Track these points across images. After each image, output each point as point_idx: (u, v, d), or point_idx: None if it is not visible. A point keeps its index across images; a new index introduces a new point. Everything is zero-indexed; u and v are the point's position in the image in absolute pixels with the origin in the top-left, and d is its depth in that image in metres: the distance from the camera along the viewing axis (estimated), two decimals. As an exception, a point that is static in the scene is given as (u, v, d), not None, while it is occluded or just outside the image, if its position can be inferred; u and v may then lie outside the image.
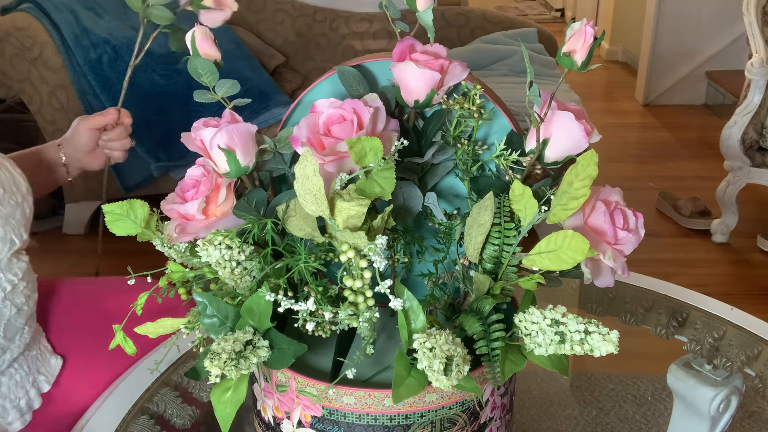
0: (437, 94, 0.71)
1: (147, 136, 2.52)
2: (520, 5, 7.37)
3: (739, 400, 0.88)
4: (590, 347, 0.61)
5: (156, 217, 0.75)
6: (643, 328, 1.15)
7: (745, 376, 1.02)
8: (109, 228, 0.74)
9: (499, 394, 0.73)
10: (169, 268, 0.75)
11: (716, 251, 2.69)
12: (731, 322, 1.10)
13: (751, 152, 2.60)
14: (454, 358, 0.60)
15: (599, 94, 4.60)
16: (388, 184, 0.66)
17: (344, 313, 0.65)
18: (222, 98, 0.74)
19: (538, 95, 0.66)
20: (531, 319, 0.64)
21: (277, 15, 3.11)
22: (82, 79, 2.48)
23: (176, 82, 2.56)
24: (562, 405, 1.07)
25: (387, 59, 0.74)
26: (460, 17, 3.12)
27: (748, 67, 2.50)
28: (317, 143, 0.68)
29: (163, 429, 0.91)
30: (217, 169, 0.72)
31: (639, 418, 1.02)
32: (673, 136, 3.83)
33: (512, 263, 0.67)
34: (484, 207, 0.66)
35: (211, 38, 0.76)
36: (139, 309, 0.75)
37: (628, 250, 0.68)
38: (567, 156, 0.70)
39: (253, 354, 0.65)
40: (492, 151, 0.73)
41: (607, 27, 5.22)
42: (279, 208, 0.71)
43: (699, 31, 4.08)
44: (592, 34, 0.67)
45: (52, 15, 2.49)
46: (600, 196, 0.69)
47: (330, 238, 0.67)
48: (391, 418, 0.68)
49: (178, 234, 0.71)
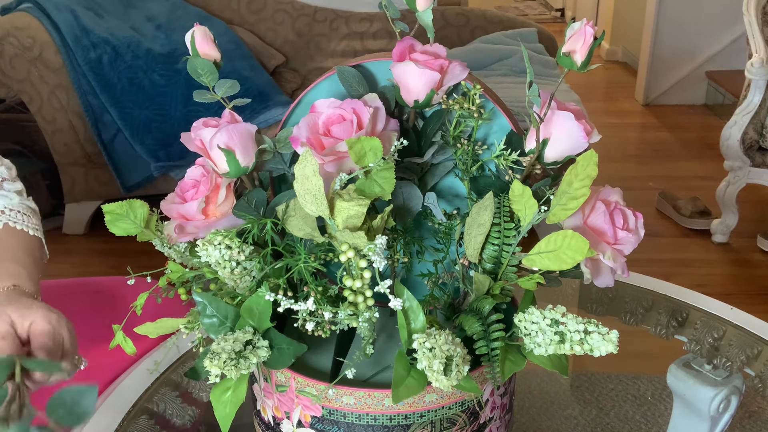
0: (437, 94, 0.71)
1: (147, 136, 2.52)
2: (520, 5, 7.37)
3: (739, 400, 0.88)
4: (590, 347, 0.61)
5: (156, 217, 0.75)
6: (643, 328, 1.15)
7: (745, 376, 1.02)
8: (109, 228, 0.74)
9: (498, 394, 0.73)
10: (168, 268, 0.75)
11: (716, 251, 2.69)
12: (731, 322, 1.10)
13: (751, 152, 2.60)
14: (454, 358, 0.60)
15: (599, 94, 4.60)
16: (387, 184, 0.66)
17: (344, 313, 0.65)
18: (222, 98, 0.74)
19: (537, 95, 0.66)
20: (531, 319, 0.64)
21: (277, 15, 3.11)
22: (82, 79, 2.48)
23: (176, 82, 2.56)
24: (562, 405, 1.07)
25: (387, 59, 0.74)
26: (460, 17, 3.12)
27: (748, 67, 2.50)
28: (317, 143, 0.68)
29: (163, 429, 0.91)
30: (216, 169, 0.72)
31: (639, 418, 1.02)
32: (673, 136, 3.83)
33: (512, 263, 0.67)
34: (483, 207, 0.66)
35: (211, 38, 0.76)
36: (139, 309, 0.75)
37: (628, 250, 0.68)
38: (567, 156, 0.70)
39: (252, 354, 0.65)
40: (492, 151, 0.73)
41: (607, 27, 5.22)
42: (279, 208, 0.71)
43: (699, 31, 4.08)
44: (592, 34, 0.67)
45: (52, 15, 2.49)
46: (600, 196, 0.69)
47: (330, 238, 0.67)
48: (390, 418, 0.68)
49: (177, 234, 0.71)
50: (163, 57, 2.58)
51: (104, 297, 1.15)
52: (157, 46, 2.62)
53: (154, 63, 2.55)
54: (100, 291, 1.18)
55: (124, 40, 2.56)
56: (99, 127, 2.51)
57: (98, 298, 1.15)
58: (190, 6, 2.93)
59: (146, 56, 2.56)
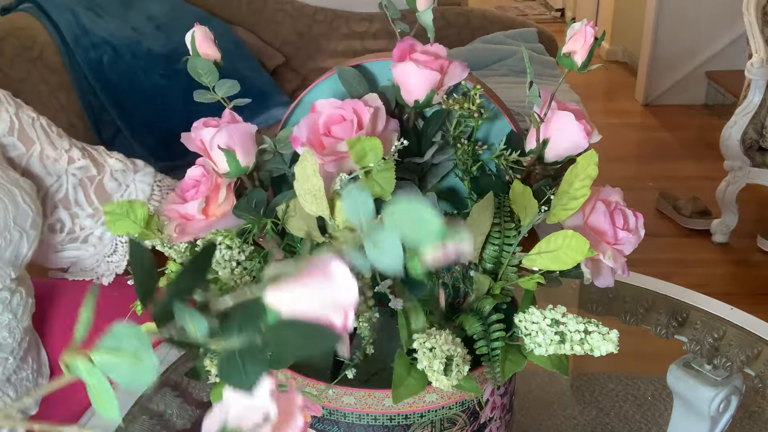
0: (437, 94, 0.71)
1: (147, 136, 2.52)
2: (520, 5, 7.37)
3: (739, 400, 0.88)
4: (590, 347, 0.61)
5: (156, 217, 0.75)
6: (643, 328, 1.15)
7: (745, 376, 1.02)
8: (109, 228, 0.73)
9: (499, 394, 0.73)
10: (169, 268, 0.75)
11: (716, 251, 2.69)
12: (731, 322, 1.10)
13: (751, 152, 2.60)
14: (454, 358, 0.60)
15: (599, 94, 4.60)
16: (388, 184, 0.66)
17: (344, 313, 0.65)
18: (222, 98, 0.74)
19: (538, 95, 0.66)
20: (531, 319, 0.64)
21: (277, 15, 3.11)
22: (83, 79, 2.48)
23: (176, 82, 2.56)
24: (562, 405, 1.07)
25: (387, 59, 0.74)
26: (460, 17, 3.12)
27: (748, 67, 2.50)
28: (317, 143, 0.68)
29: (163, 429, 0.91)
30: (217, 169, 0.72)
31: (639, 418, 1.02)
32: (673, 136, 3.83)
33: (512, 263, 0.67)
34: (484, 207, 0.66)
35: (211, 38, 0.76)
36: (139, 309, 0.75)
37: (628, 250, 0.68)
38: (567, 156, 0.70)
39: (253, 354, 0.64)
40: (492, 151, 0.73)
41: (607, 27, 5.22)
42: (279, 208, 0.71)
43: (699, 31, 4.08)
44: (593, 34, 0.67)
45: (52, 15, 2.49)
46: (600, 196, 0.69)
47: (330, 238, 0.67)
48: (391, 418, 0.68)
49: (178, 234, 0.71)
50: (163, 57, 2.58)
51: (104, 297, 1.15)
52: (157, 46, 2.62)
53: (154, 63, 2.55)
54: (99, 291, 1.18)
55: (124, 40, 2.56)
56: (99, 127, 2.51)
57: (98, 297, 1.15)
58: (190, 6, 2.93)
59: (146, 56, 2.56)
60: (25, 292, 0.95)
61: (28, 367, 0.99)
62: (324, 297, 0.40)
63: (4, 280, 0.89)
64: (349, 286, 0.39)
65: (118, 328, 0.39)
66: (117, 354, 0.40)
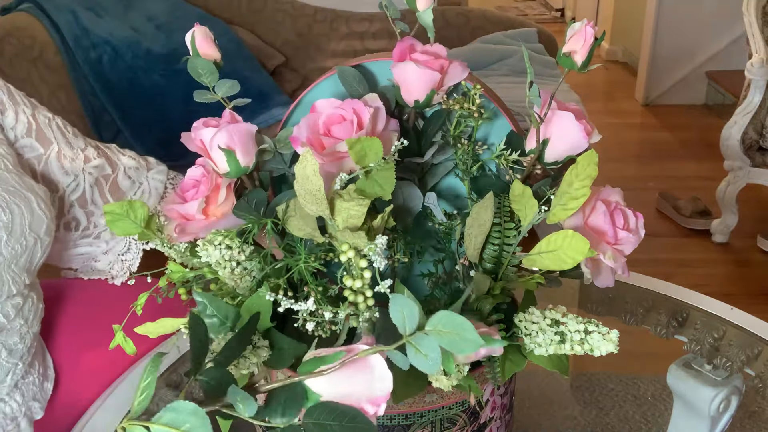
0: (437, 94, 0.71)
1: (147, 136, 2.52)
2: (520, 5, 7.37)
3: (739, 400, 0.88)
4: (590, 347, 0.61)
5: (156, 217, 0.75)
6: (643, 328, 1.15)
7: (745, 376, 1.02)
8: (109, 228, 0.73)
9: (499, 394, 0.73)
10: (169, 268, 0.75)
11: (716, 251, 2.69)
12: (731, 322, 1.10)
13: (751, 152, 2.60)
14: (454, 358, 0.60)
15: (599, 94, 4.60)
16: (388, 184, 0.66)
17: (344, 313, 0.65)
18: (222, 98, 0.74)
19: (538, 95, 0.66)
20: (531, 319, 0.64)
21: (277, 15, 3.11)
22: (83, 79, 2.48)
23: (176, 82, 2.56)
24: (562, 405, 1.07)
25: (387, 59, 0.74)
26: (460, 17, 3.12)
27: (748, 67, 2.50)
28: (317, 143, 0.68)
29: (163, 429, 0.91)
30: (217, 169, 0.72)
31: (639, 418, 1.02)
32: (673, 136, 3.83)
33: (512, 263, 0.67)
34: (484, 207, 0.66)
35: (211, 38, 0.76)
36: (139, 309, 0.75)
37: (628, 250, 0.68)
38: (567, 156, 0.70)
39: (253, 354, 0.64)
40: (492, 151, 0.73)
41: (607, 27, 5.22)
42: (279, 208, 0.71)
43: (699, 31, 4.09)
44: (593, 34, 0.67)
45: (52, 15, 2.49)
46: (600, 196, 0.69)
47: (330, 238, 0.67)
48: (391, 418, 0.67)
49: (178, 234, 0.71)
50: (163, 57, 2.58)
51: (104, 297, 1.15)
52: (157, 46, 2.62)
53: (154, 63, 2.55)
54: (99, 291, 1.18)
55: (124, 40, 2.56)
56: (99, 127, 2.51)
57: (98, 297, 1.15)
58: (190, 6, 2.93)
59: (146, 56, 2.55)
60: (36, 297, 0.95)
61: (35, 371, 0.99)
62: (361, 386, 0.47)
63: (18, 286, 0.89)
64: (385, 376, 0.46)
65: (179, 404, 0.41)
66: (174, 429, 0.42)
